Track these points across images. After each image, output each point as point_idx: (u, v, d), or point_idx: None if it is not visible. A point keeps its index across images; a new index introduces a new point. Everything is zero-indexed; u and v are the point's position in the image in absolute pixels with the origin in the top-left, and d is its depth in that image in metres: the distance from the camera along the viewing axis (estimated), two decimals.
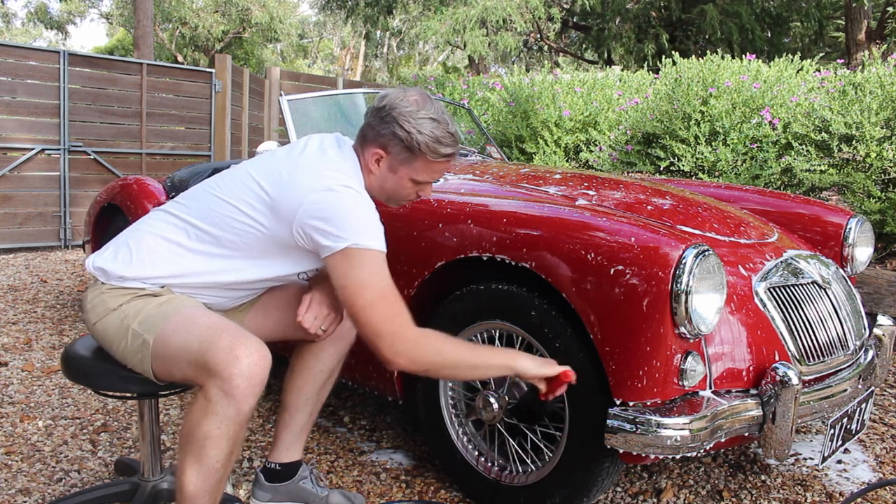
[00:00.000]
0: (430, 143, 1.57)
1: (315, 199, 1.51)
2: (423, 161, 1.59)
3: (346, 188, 1.53)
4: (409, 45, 24.77)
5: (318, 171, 1.55)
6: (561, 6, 12.49)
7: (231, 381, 1.39)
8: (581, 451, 1.75)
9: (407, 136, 1.56)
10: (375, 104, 1.61)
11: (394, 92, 1.61)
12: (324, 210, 1.50)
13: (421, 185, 1.65)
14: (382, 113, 1.58)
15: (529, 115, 5.28)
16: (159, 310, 1.54)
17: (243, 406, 1.40)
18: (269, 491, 1.90)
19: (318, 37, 29.19)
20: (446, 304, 2.01)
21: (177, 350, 1.48)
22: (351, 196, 1.53)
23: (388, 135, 1.58)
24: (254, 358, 1.41)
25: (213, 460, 1.42)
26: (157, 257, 1.60)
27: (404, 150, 1.58)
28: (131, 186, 3.63)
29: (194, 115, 7.60)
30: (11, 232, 6.47)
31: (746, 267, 1.91)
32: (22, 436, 2.42)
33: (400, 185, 1.64)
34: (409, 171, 1.61)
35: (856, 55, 9.03)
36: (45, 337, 3.64)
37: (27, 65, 6.44)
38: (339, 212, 1.51)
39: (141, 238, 1.63)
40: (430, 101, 1.60)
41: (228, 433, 1.41)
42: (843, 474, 2.23)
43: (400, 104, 1.57)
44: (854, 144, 3.92)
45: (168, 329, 1.50)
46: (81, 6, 24.17)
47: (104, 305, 1.60)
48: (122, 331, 1.55)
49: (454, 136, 1.60)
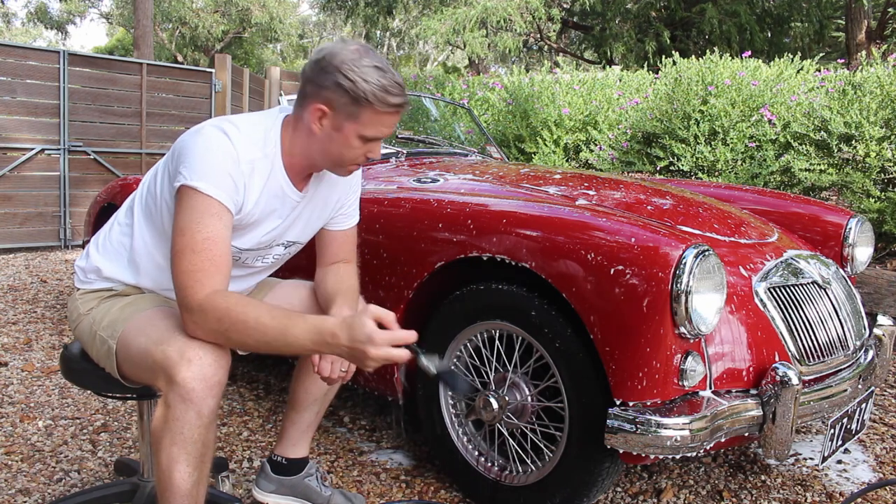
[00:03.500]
0: (378, 92, 1.40)
1: (181, 138, 1.46)
2: (370, 112, 1.42)
3: (214, 129, 1.42)
4: (409, 45, 24.77)
5: (216, 119, 1.47)
6: (561, 6, 12.48)
7: (185, 384, 1.32)
8: (581, 452, 1.75)
9: (351, 85, 1.39)
10: (313, 57, 1.45)
11: (332, 44, 1.46)
12: (180, 147, 1.44)
13: (369, 142, 1.48)
14: (322, 63, 1.42)
15: (529, 115, 5.28)
16: (122, 313, 1.52)
17: (202, 409, 1.34)
18: (273, 482, 1.90)
19: (318, 37, 29.17)
20: (446, 304, 2.01)
21: (136, 353, 1.44)
22: (210, 136, 1.41)
23: (331, 86, 1.41)
24: (207, 359, 1.35)
25: (183, 465, 1.38)
26: (117, 248, 1.60)
27: (350, 103, 1.41)
28: (131, 186, 3.63)
29: (194, 114, 7.59)
30: (11, 232, 6.47)
31: (746, 267, 1.91)
32: (22, 436, 2.42)
33: (346, 145, 1.47)
34: (357, 127, 1.44)
35: (856, 55, 9.02)
36: (45, 337, 3.64)
37: (27, 64, 6.43)
38: (190, 149, 1.41)
39: (105, 232, 1.64)
40: (371, 51, 1.45)
41: (193, 437, 1.36)
42: (844, 474, 2.23)
43: (341, 52, 1.41)
44: (853, 144, 3.92)
45: (128, 332, 1.47)
46: (81, 6, 24.16)
47: (77, 311, 1.60)
48: (92, 336, 1.54)
49: (401, 85, 1.44)
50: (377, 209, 2.18)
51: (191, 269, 1.37)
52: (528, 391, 1.89)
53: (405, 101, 1.46)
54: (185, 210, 1.39)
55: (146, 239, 1.58)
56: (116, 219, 1.66)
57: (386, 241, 2.13)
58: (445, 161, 2.95)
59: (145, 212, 1.59)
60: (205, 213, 1.39)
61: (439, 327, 2.01)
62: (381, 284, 2.13)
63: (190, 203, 1.39)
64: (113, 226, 1.65)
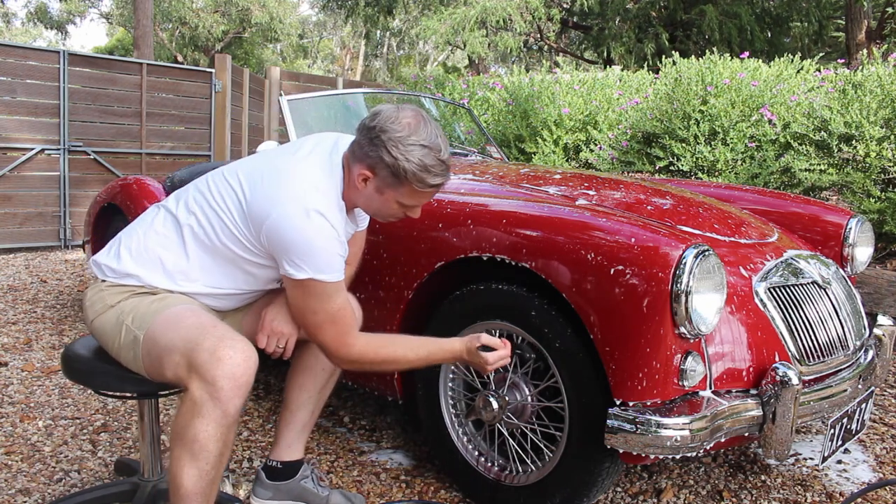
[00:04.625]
0: (418, 173, 1.50)
1: (282, 217, 1.49)
2: (409, 188, 1.53)
3: (317, 214, 1.49)
4: (409, 45, 24.77)
5: (293, 184, 1.52)
6: (561, 6, 12.48)
7: (215, 383, 1.38)
8: (581, 452, 1.75)
9: (394, 162, 1.49)
10: (367, 121, 1.55)
11: (387, 110, 1.54)
12: (289, 233, 1.49)
13: (408, 207, 1.60)
14: (372, 134, 1.51)
15: (529, 115, 5.28)
16: (151, 307, 1.55)
17: (229, 408, 1.39)
18: (270, 489, 1.90)
19: (318, 37, 29.17)
20: (446, 304, 2.01)
21: (163, 349, 1.47)
22: (317, 227, 1.49)
23: (376, 158, 1.51)
24: (237, 359, 1.40)
25: (203, 462, 1.41)
26: (154, 258, 1.61)
27: (391, 176, 1.52)
28: (131, 186, 3.63)
29: (194, 114, 7.59)
30: (11, 232, 6.47)
31: (747, 267, 1.91)
32: (22, 436, 2.42)
33: (386, 206, 1.60)
34: (396, 195, 1.56)
35: (856, 55, 9.02)
36: (45, 337, 3.64)
37: (27, 64, 6.43)
38: (303, 243, 1.49)
39: (139, 238, 1.64)
40: (424, 122, 1.52)
41: (216, 435, 1.40)
42: (843, 474, 2.23)
43: (391, 127, 1.50)
44: (853, 144, 3.92)
45: (157, 326, 1.50)
46: (81, 6, 24.15)
47: (103, 302, 1.61)
48: (118, 327, 1.56)
49: (445, 163, 1.53)
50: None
51: (334, 336, 1.58)
52: (528, 391, 1.89)
53: (446, 180, 1.57)
54: (311, 296, 1.54)
55: (205, 266, 1.63)
56: (153, 227, 1.65)
57: (386, 241, 2.13)
58: None
59: (198, 243, 1.61)
60: (332, 293, 1.55)
61: (439, 327, 2.01)
62: (381, 284, 2.13)
63: (316, 290, 1.53)
64: (148, 234, 1.64)
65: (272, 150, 1.71)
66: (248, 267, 1.63)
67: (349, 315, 1.60)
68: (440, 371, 2.05)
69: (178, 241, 1.62)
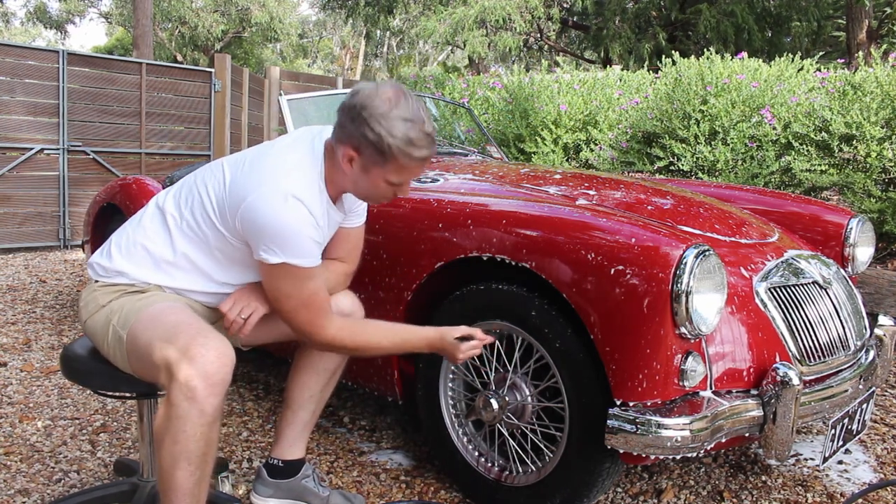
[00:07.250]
0: (403, 147, 1.47)
1: (258, 199, 1.49)
2: (395, 164, 1.50)
3: (293, 199, 1.48)
4: (409, 44, 24.77)
5: (271, 169, 1.53)
6: (560, 6, 12.48)
7: (187, 382, 1.35)
8: (581, 452, 1.75)
9: (378, 138, 1.46)
10: (347, 100, 1.51)
11: (366, 87, 1.50)
12: (263, 217, 1.48)
13: (396, 185, 1.56)
14: (353, 113, 1.48)
15: (529, 115, 5.28)
16: (135, 305, 1.54)
17: (206, 407, 1.36)
18: (270, 487, 1.90)
19: (318, 36, 29.17)
20: (446, 304, 2.00)
21: (143, 348, 1.46)
22: (292, 210, 1.48)
23: (359, 136, 1.48)
24: (209, 356, 1.37)
25: (185, 463, 1.39)
26: (141, 252, 1.61)
27: (376, 153, 1.48)
28: (130, 186, 3.63)
29: (194, 114, 7.59)
30: (10, 232, 6.47)
31: (747, 267, 1.91)
32: (21, 436, 2.42)
33: (374, 186, 1.56)
34: (383, 173, 1.52)
35: (856, 55, 9.02)
36: (44, 337, 3.63)
37: (26, 64, 6.43)
38: (277, 227, 1.48)
39: (128, 234, 1.65)
40: (405, 97, 1.49)
41: (196, 435, 1.37)
42: (844, 475, 2.23)
43: (371, 103, 1.46)
44: (854, 144, 3.91)
45: (138, 325, 1.49)
46: (80, 5, 24.13)
47: (95, 302, 1.61)
48: (106, 327, 1.56)
49: (430, 135, 1.50)
50: (377, 209, 2.17)
51: (308, 319, 1.60)
52: (528, 391, 1.88)
53: (432, 152, 1.53)
54: (285, 278, 1.54)
55: (191, 257, 1.63)
56: (141, 223, 1.66)
57: (386, 241, 2.12)
58: (445, 161, 2.95)
59: (185, 237, 1.62)
60: (305, 278, 1.55)
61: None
62: (381, 285, 2.12)
63: (289, 272, 1.53)
64: (137, 230, 1.65)
65: (263, 143, 1.71)
66: (234, 254, 1.62)
67: (322, 299, 1.61)
68: (440, 371, 2.05)
69: (165, 234, 1.62)
